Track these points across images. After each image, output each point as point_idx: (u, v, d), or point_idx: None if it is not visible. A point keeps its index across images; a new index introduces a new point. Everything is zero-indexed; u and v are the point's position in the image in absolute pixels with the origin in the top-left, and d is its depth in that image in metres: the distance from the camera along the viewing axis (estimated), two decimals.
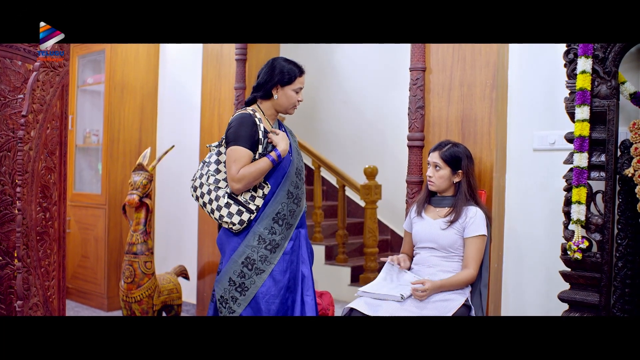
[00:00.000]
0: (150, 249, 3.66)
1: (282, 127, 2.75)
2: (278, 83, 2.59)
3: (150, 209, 3.66)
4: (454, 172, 2.60)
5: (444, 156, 2.59)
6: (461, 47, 2.95)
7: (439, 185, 2.62)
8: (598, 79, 2.50)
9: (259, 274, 2.54)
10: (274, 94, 2.61)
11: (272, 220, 2.55)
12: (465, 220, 2.54)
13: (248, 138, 2.51)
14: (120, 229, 4.49)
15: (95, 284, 4.53)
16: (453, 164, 2.60)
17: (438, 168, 2.60)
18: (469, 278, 2.52)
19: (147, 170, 3.70)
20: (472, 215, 2.54)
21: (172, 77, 4.69)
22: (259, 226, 2.55)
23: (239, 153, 2.49)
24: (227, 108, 4.02)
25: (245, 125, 2.53)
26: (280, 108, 2.64)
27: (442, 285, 2.47)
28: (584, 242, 2.47)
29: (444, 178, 2.61)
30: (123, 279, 3.61)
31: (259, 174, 2.50)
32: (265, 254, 2.54)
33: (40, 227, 2.84)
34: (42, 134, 2.83)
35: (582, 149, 2.48)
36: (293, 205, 2.61)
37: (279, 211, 2.57)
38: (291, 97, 2.61)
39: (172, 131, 4.66)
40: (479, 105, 2.88)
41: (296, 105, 2.65)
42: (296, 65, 2.64)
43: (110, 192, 4.45)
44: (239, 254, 2.55)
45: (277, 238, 2.56)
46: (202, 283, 4.18)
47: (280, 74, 2.59)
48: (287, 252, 2.59)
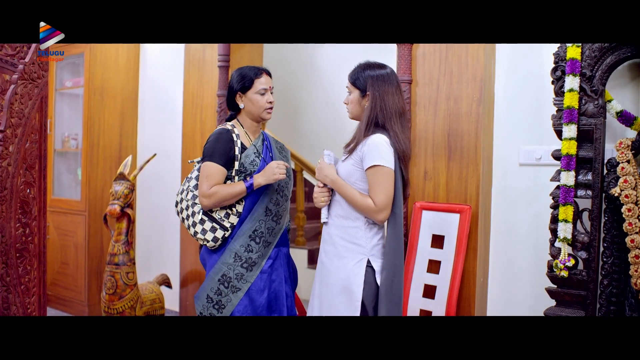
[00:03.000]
0: (132, 260, 3.60)
1: (267, 141, 2.69)
2: (238, 91, 2.54)
3: (132, 219, 3.60)
4: (363, 96, 2.27)
5: (350, 78, 2.31)
6: (448, 61, 2.93)
7: (351, 111, 2.33)
8: (585, 97, 2.50)
9: (235, 292, 2.50)
10: (239, 103, 2.56)
11: (249, 237, 2.51)
12: (362, 150, 2.21)
13: (222, 155, 2.46)
14: (101, 236, 4.41)
15: (76, 292, 4.45)
16: (360, 86, 2.27)
17: (348, 92, 2.33)
18: (364, 205, 2.19)
19: (129, 179, 3.63)
20: (368, 144, 2.19)
21: (152, 81, 4.61)
22: (235, 243, 2.51)
23: (212, 170, 2.45)
24: (210, 115, 3.97)
25: (222, 142, 2.48)
26: (253, 116, 2.56)
27: (340, 185, 2.26)
28: (571, 260, 2.48)
29: (354, 102, 2.30)
30: (105, 289, 3.55)
31: (231, 197, 2.45)
32: (241, 271, 2.50)
33: (19, 244, 2.76)
34: (21, 148, 2.75)
35: (569, 168, 2.49)
36: (272, 223, 2.56)
37: (256, 228, 2.52)
38: (256, 101, 2.53)
39: (153, 136, 4.58)
40: (466, 120, 2.87)
41: (266, 108, 2.55)
42: (254, 68, 2.56)
43: (90, 198, 4.36)
44: (216, 271, 2.52)
45: (254, 256, 2.52)
46: (185, 291, 4.14)
47: (237, 81, 2.54)
48: (264, 270, 2.54)
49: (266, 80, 2.55)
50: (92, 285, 4.40)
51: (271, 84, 2.58)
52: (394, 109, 2.22)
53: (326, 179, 2.31)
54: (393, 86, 2.24)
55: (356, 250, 2.25)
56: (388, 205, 2.18)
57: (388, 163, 2.16)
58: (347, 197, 2.24)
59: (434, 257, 2.90)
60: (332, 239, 2.32)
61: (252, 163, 2.52)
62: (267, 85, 2.55)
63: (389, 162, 2.17)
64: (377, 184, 2.17)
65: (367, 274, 2.21)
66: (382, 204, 2.16)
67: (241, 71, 2.57)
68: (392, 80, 2.25)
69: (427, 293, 2.89)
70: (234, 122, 2.60)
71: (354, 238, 2.25)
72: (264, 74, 2.56)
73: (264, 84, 2.53)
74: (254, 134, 2.61)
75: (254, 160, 2.53)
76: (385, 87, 2.23)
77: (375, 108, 2.22)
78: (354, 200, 2.22)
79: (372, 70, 2.26)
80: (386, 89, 2.23)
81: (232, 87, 2.56)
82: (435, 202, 2.95)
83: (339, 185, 2.27)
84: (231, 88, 2.57)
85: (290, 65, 5.97)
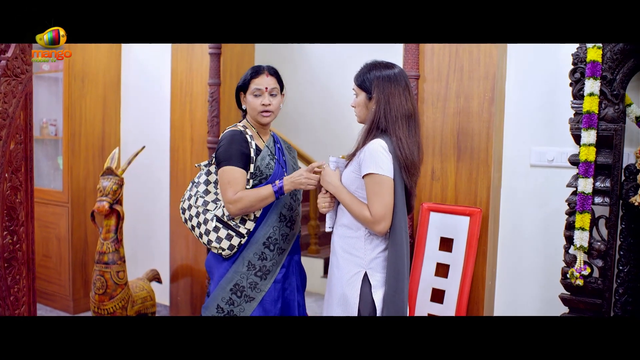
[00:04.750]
0: (122, 258, 3.45)
1: (279, 142, 2.55)
2: (240, 91, 2.42)
3: (122, 216, 3.44)
4: (370, 98, 2.13)
5: (355, 79, 2.17)
6: (458, 56, 2.80)
7: (359, 115, 2.18)
8: (605, 101, 2.41)
9: (248, 302, 2.39)
10: (242, 104, 2.43)
11: (263, 245, 2.39)
12: (360, 157, 2.08)
13: (241, 157, 2.31)
14: (85, 228, 4.23)
15: (60, 286, 4.28)
16: (366, 88, 2.13)
17: (355, 94, 2.19)
18: (361, 215, 2.07)
19: (117, 174, 3.45)
20: (365, 151, 2.06)
21: (137, 66, 4.37)
22: (249, 251, 2.39)
23: (233, 174, 2.29)
24: (200, 104, 3.78)
25: (236, 143, 2.32)
26: (253, 119, 2.43)
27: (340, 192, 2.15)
28: (587, 269, 2.43)
29: (361, 105, 2.16)
30: (94, 289, 3.40)
31: (257, 201, 2.29)
32: (255, 280, 2.39)
33: (7, 253, 2.60)
34: (6, 151, 2.56)
35: (588, 174, 2.41)
36: (286, 229, 2.45)
37: (270, 235, 2.40)
38: (250, 102, 2.38)
39: (138, 125, 4.37)
40: (477, 119, 2.77)
41: (260, 111, 2.37)
42: (256, 67, 2.40)
43: (73, 189, 4.16)
44: (227, 280, 2.40)
45: (268, 264, 2.40)
46: (176, 286, 4.01)
47: (240, 81, 2.41)
48: (278, 280, 2.43)
49: (263, 81, 2.36)
50: (76, 279, 4.23)
51: (272, 84, 2.39)
52: (401, 111, 2.06)
53: (328, 185, 2.19)
54: (400, 87, 2.08)
55: (353, 261, 2.13)
56: (385, 216, 2.03)
57: (384, 171, 2.02)
58: (346, 205, 2.13)
59: (442, 260, 2.82)
60: (335, 248, 2.22)
61: (267, 166, 2.38)
62: (264, 86, 2.36)
63: (385, 170, 2.02)
64: (373, 194, 2.04)
65: (363, 288, 2.10)
66: (379, 214, 2.02)
67: (248, 70, 2.42)
68: (400, 81, 2.09)
69: (435, 297, 2.82)
70: (244, 122, 2.46)
71: (352, 249, 2.14)
72: (265, 73, 2.38)
73: (258, 85, 2.36)
74: (264, 135, 2.47)
75: (269, 163, 2.39)
76: (391, 88, 2.07)
77: (379, 111, 2.07)
78: (352, 209, 2.11)
79: (378, 70, 2.11)
80: (392, 90, 2.07)
81: (237, 86, 2.43)
82: (444, 204, 2.86)
83: (339, 192, 2.15)
84: (237, 86, 2.43)
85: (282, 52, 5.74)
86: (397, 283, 2.06)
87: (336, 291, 2.17)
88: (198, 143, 3.81)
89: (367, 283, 2.10)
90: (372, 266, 2.11)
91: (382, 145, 2.03)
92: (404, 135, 2.06)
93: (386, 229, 2.06)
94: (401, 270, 2.07)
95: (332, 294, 2.21)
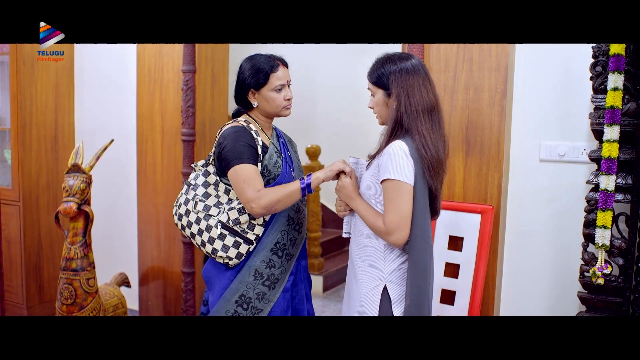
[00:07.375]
0: (92, 264, 3.14)
1: (281, 138, 2.34)
2: (252, 88, 2.17)
3: (91, 217, 3.11)
4: (388, 95, 1.95)
5: (369, 76, 1.99)
6: (467, 46, 2.67)
7: (380, 115, 2.00)
8: (627, 95, 2.35)
9: (256, 314, 2.19)
10: (252, 101, 2.19)
11: (271, 251, 2.19)
12: (379, 161, 1.92)
13: (250, 152, 2.10)
14: (38, 228, 3.83)
15: (11, 292, 3.86)
16: (382, 84, 1.95)
17: (371, 94, 2.01)
18: (374, 226, 1.92)
19: (84, 171, 3.11)
20: (384, 154, 1.90)
21: (93, 47, 3.95)
22: (255, 259, 2.18)
23: (247, 171, 2.06)
24: (172, 92, 3.47)
25: (242, 139, 2.10)
26: (268, 113, 2.22)
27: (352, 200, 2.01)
28: (608, 268, 2.38)
29: (380, 104, 1.98)
30: (60, 299, 3.07)
31: (284, 197, 2.04)
32: (263, 290, 2.19)
33: None
34: None
35: (610, 171, 2.34)
36: (294, 233, 2.26)
37: (278, 240, 2.20)
38: (273, 99, 2.17)
39: (96, 113, 3.97)
40: (487, 112, 2.65)
41: (285, 106, 2.20)
42: (269, 60, 2.17)
43: (24, 186, 3.74)
44: (232, 292, 2.19)
45: (277, 272, 2.20)
46: (145, 289, 3.71)
47: (251, 76, 2.15)
48: (287, 289, 2.24)
49: (283, 74, 2.18)
50: (30, 285, 3.84)
51: (289, 77, 2.21)
52: (422, 105, 1.88)
53: (340, 192, 2.03)
54: (420, 77, 1.90)
55: (373, 274, 1.96)
56: (400, 226, 1.85)
57: (403, 177, 1.84)
58: (361, 215, 1.97)
59: (452, 260, 2.70)
60: (352, 257, 2.05)
61: (275, 165, 2.17)
62: (285, 79, 2.18)
63: (404, 175, 1.84)
64: (389, 201, 1.87)
65: (382, 303, 1.93)
66: (392, 224, 1.85)
67: (254, 63, 2.17)
68: (419, 71, 1.91)
69: (445, 299, 2.70)
70: (245, 117, 2.22)
71: (371, 260, 1.97)
72: (281, 65, 2.18)
73: (280, 79, 2.16)
74: (268, 130, 2.27)
75: (277, 161, 2.19)
76: (410, 80, 1.88)
77: (400, 108, 1.89)
78: (366, 219, 1.95)
79: (394, 63, 1.92)
80: (411, 82, 1.88)
81: (244, 82, 2.16)
82: (452, 201, 2.73)
83: (351, 199, 2.00)
84: (242, 82, 2.17)
85: None
86: (418, 297, 1.89)
87: (354, 304, 2.01)
88: (170, 135, 3.50)
89: (387, 297, 1.93)
90: (391, 279, 1.94)
91: (403, 149, 1.86)
92: (427, 132, 1.89)
93: (401, 240, 1.87)
94: (422, 285, 1.89)
95: (350, 307, 2.05)
